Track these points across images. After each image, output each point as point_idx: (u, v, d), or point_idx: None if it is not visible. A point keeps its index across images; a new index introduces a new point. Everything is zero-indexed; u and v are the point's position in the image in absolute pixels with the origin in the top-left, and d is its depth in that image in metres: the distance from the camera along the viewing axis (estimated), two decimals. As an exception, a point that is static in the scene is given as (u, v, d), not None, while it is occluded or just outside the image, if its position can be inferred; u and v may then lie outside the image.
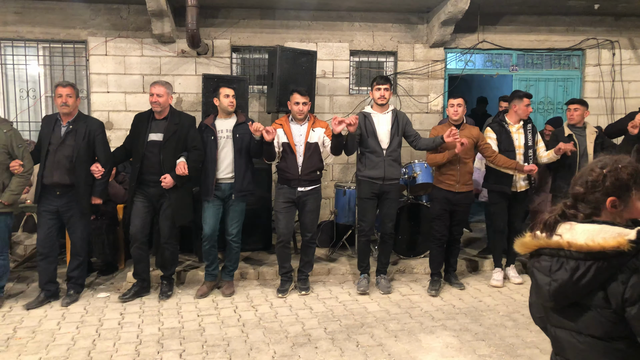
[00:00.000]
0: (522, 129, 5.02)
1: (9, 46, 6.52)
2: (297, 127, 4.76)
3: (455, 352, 3.73)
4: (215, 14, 6.72)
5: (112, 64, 6.60)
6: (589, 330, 1.65)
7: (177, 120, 4.66)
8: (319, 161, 4.78)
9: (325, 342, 3.87)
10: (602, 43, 7.30)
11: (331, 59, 6.96)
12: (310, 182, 4.75)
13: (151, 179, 4.58)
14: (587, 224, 1.65)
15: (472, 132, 4.88)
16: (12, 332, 4.01)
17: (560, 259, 1.65)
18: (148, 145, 4.59)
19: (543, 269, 1.71)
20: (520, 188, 5.02)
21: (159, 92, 4.57)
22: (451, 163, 4.80)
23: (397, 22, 7.03)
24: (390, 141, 4.81)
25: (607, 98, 7.36)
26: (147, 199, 4.66)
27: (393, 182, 4.86)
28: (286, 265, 4.89)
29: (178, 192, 4.63)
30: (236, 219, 4.80)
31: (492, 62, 7.35)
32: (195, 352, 3.69)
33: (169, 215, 4.65)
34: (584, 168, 1.77)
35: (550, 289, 1.67)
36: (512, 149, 4.94)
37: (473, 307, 4.61)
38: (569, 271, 1.61)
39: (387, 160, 4.80)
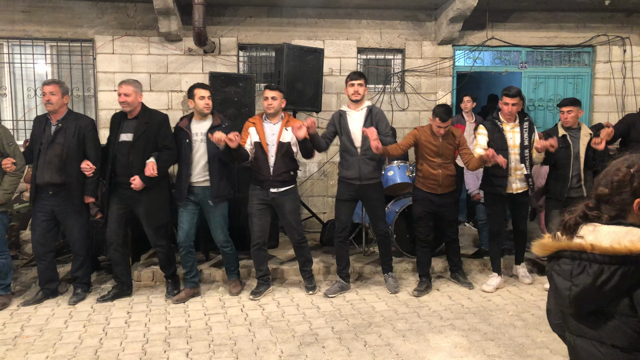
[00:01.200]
0: (518, 128, 4.82)
1: (16, 45, 6.54)
2: (270, 126, 4.61)
3: (464, 352, 3.68)
4: (222, 12, 6.70)
5: (119, 63, 6.60)
6: (611, 340, 1.54)
7: (147, 119, 4.50)
8: (292, 161, 4.64)
9: (332, 341, 3.84)
10: (612, 39, 7.21)
11: (338, 57, 6.92)
12: (284, 183, 4.59)
13: (123, 181, 4.45)
14: (613, 226, 1.54)
15: (454, 136, 4.75)
16: (19, 330, 4.02)
17: (582, 262, 1.54)
18: (118, 146, 4.47)
19: (563, 272, 1.60)
20: (517, 190, 4.83)
21: (126, 91, 4.43)
22: (433, 169, 4.71)
23: (404, 19, 6.98)
24: (364, 139, 4.61)
25: (618, 95, 7.27)
26: (122, 200, 4.54)
27: (371, 182, 4.69)
28: (262, 268, 4.78)
29: (150, 194, 4.49)
30: (219, 224, 4.68)
31: (501, 59, 7.29)
32: (202, 351, 3.68)
33: (145, 219, 4.55)
34: (608, 168, 1.64)
35: (571, 294, 1.56)
36: (505, 148, 4.74)
37: (482, 306, 4.57)
38: (592, 275, 1.50)
39: (362, 159, 4.64)
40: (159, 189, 4.56)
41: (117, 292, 4.68)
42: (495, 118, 4.89)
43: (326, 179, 6.99)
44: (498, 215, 4.93)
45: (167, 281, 4.81)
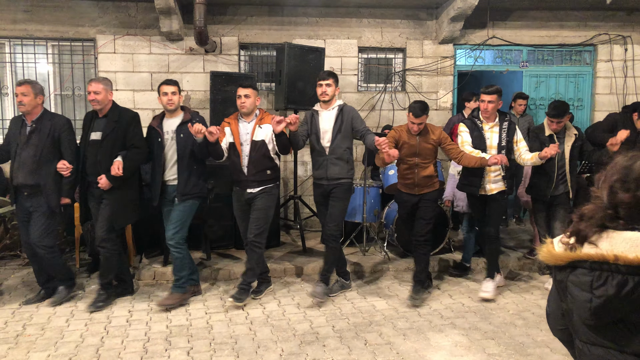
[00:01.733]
0: (497, 128, 4.62)
1: (18, 44, 6.56)
2: (244, 125, 4.49)
3: (465, 350, 3.69)
4: (223, 11, 6.71)
5: (120, 62, 6.62)
6: (631, 348, 1.51)
7: (116, 117, 4.39)
8: (269, 160, 4.48)
9: (333, 340, 3.85)
10: (614, 38, 7.21)
11: (339, 56, 6.92)
12: (260, 183, 4.45)
13: (93, 180, 4.36)
14: (628, 232, 1.48)
15: (434, 134, 4.54)
16: (21, 329, 4.03)
17: (603, 274, 1.48)
18: (89, 144, 4.40)
19: (582, 284, 1.53)
20: (491, 191, 4.62)
21: (95, 89, 4.33)
22: (409, 168, 4.58)
23: (406, 18, 6.98)
24: (333, 139, 4.49)
25: (619, 94, 7.27)
26: (96, 200, 4.44)
27: (339, 182, 4.52)
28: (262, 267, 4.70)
29: (117, 194, 4.35)
30: (174, 219, 4.43)
31: (502, 58, 7.28)
32: (203, 350, 3.69)
33: (106, 216, 4.36)
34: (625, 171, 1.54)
35: (592, 306, 1.50)
36: (483, 148, 4.57)
37: (482, 305, 4.57)
38: (615, 287, 1.45)
39: (330, 159, 4.49)
40: (125, 190, 4.42)
41: (119, 291, 4.68)
42: (475, 117, 4.71)
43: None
44: (481, 217, 4.80)
45: (99, 291, 4.51)
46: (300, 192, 6.69)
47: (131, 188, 4.51)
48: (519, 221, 7.16)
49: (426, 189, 4.61)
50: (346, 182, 4.58)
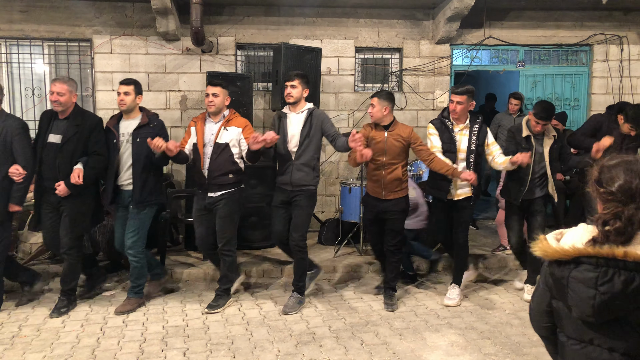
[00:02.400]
0: (467, 130, 4.44)
1: (14, 45, 6.54)
2: (210, 126, 4.32)
3: (461, 350, 3.70)
4: (220, 12, 6.70)
5: (117, 62, 6.61)
6: (625, 349, 1.52)
7: (79, 121, 4.22)
8: (232, 163, 4.28)
9: (329, 340, 3.85)
10: (610, 38, 7.22)
11: (336, 56, 6.92)
12: (221, 187, 4.28)
13: (50, 186, 4.17)
14: None
15: (403, 132, 4.34)
16: (17, 330, 4.03)
17: (609, 270, 1.49)
18: (46, 147, 4.19)
19: (587, 280, 1.53)
20: (458, 196, 4.47)
21: (59, 90, 4.14)
22: (376, 169, 4.37)
23: (402, 18, 6.98)
24: (300, 144, 4.32)
25: (615, 94, 7.27)
26: (51, 206, 4.29)
27: (303, 189, 4.37)
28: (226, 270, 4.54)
29: (75, 202, 4.20)
30: (132, 227, 4.29)
31: (498, 58, 7.29)
32: (200, 350, 3.69)
33: (67, 224, 4.23)
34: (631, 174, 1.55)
35: (596, 303, 1.50)
36: (453, 151, 4.40)
37: (479, 305, 4.58)
38: (622, 284, 1.46)
39: (296, 165, 4.32)
40: (85, 197, 4.28)
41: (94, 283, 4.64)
42: (445, 117, 4.50)
43: (324, 179, 6.99)
44: (444, 223, 4.63)
45: (60, 297, 4.37)
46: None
47: (90, 195, 4.36)
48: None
49: (392, 195, 4.36)
50: (310, 189, 4.43)
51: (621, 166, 1.58)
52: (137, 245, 4.33)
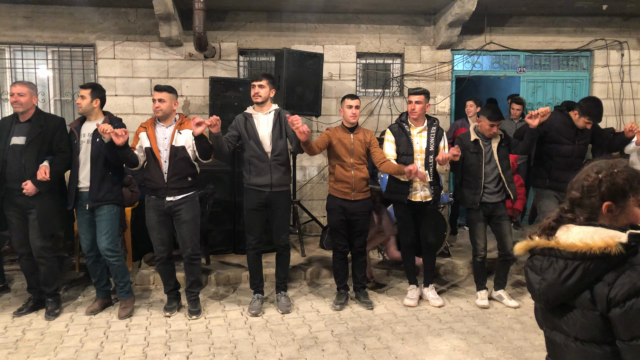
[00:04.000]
0: (425, 132, 4.56)
1: (18, 50, 6.59)
2: (162, 130, 4.30)
3: (463, 354, 3.71)
4: (222, 17, 6.75)
5: (120, 68, 6.65)
6: (575, 333, 1.65)
7: (42, 122, 4.27)
8: (190, 166, 4.31)
9: (332, 344, 3.87)
10: (610, 44, 7.26)
11: (338, 61, 6.96)
12: (181, 190, 4.26)
13: (16, 187, 4.17)
14: (584, 226, 1.65)
15: (366, 135, 4.54)
16: (21, 334, 4.04)
17: (550, 258, 1.67)
18: (9, 149, 4.21)
19: (535, 267, 1.73)
20: (425, 198, 4.54)
21: (20, 91, 4.19)
22: (345, 169, 4.44)
23: (403, 24, 7.02)
24: (274, 144, 4.36)
25: (616, 99, 7.31)
26: (17, 208, 4.28)
27: (282, 189, 4.43)
28: (170, 283, 4.50)
29: (43, 199, 4.21)
30: (103, 230, 4.30)
31: (499, 63, 7.33)
32: (202, 355, 3.70)
33: (37, 227, 4.24)
34: (580, 172, 1.74)
35: (541, 288, 1.68)
36: (410, 153, 4.50)
37: (481, 310, 4.59)
38: (557, 271, 1.63)
39: (274, 165, 4.35)
40: (53, 195, 4.28)
41: (33, 305, 4.49)
42: (404, 121, 4.61)
43: (326, 183, 7.01)
44: (407, 226, 4.66)
45: (47, 300, 4.41)
46: (299, 197, 6.72)
47: (58, 193, 4.38)
48: (517, 226, 7.18)
49: (362, 195, 4.49)
50: (288, 189, 4.54)
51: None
52: (112, 245, 4.34)
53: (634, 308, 1.48)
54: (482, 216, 4.64)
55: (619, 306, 1.50)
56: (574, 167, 4.63)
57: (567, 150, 4.76)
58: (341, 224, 4.54)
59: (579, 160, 4.75)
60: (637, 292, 1.49)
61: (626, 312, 1.49)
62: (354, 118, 4.50)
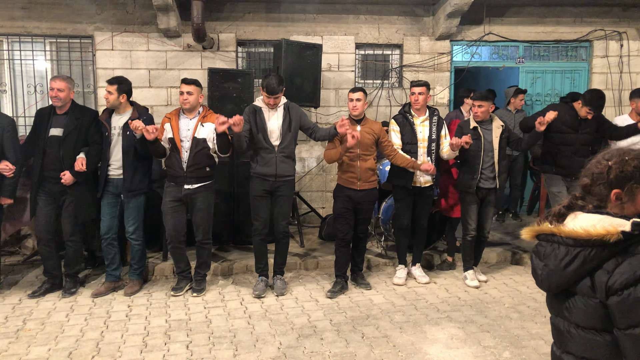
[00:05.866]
0: (428, 122, 4.81)
1: (16, 42, 6.57)
2: (185, 122, 4.52)
3: (460, 343, 3.74)
4: (221, 8, 6.73)
5: (118, 59, 6.64)
6: (576, 320, 1.65)
7: (78, 115, 4.55)
8: (208, 158, 4.54)
9: (330, 333, 3.90)
10: (609, 34, 7.25)
11: (337, 52, 6.95)
12: (198, 179, 4.51)
13: (52, 176, 4.47)
14: (590, 214, 1.64)
15: (374, 127, 4.65)
16: (21, 323, 4.07)
17: (552, 245, 1.67)
18: (48, 140, 4.47)
19: (539, 253, 1.74)
20: (424, 183, 4.83)
21: (59, 86, 4.44)
22: (351, 160, 4.57)
23: (402, 14, 7.01)
24: (282, 137, 4.53)
25: (615, 90, 7.31)
26: (50, 196, 4.54)
27: (286, 179, 4.60)
28: (181, 265, 4.75)
29: (80, 189, 4.51)
30: (131, 216, 4.63)
31: (498, 54, 7.32)
32: (202, 344, 3.73)
33: (71, 212, 4.54)
34: (592, 160, 1.72)
35: (543, 274, 1.69)
36: (414, 142, 4.76)
37: (478, 299, 4.62)
38: (559, 257, 1.63)
39: (279, 157, 4.53)
40: (88, 184, 4.57)
41: (48, 287, 4.67)
42: (407, 112, 4.84)
43: (325, 174, 7.03)
44: (406, 209, 4.89)
45: (66, 279, 4.72)
46: (298, 189, 6.73)
47: (92, 183, 4.64)
48: (515, 216, 7.21)
49: (367, 185, 4.63)
50: (292, 178, 4.70)
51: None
52: (138, 230, 4.71)
53: (632, 297, 1.47)
54: (476, 199, 4.88)
55: (616, 294, 1.50)
56: (578, 154, 5.03)
57: (570, 139, 5.07)
58: (346, 211, 4.67)
59: (584, 148, 5.09)
60: (636, 281, 1.48)
61: (623, 300, 1.49)
62: (355, 110, 4.61)
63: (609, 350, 1.59)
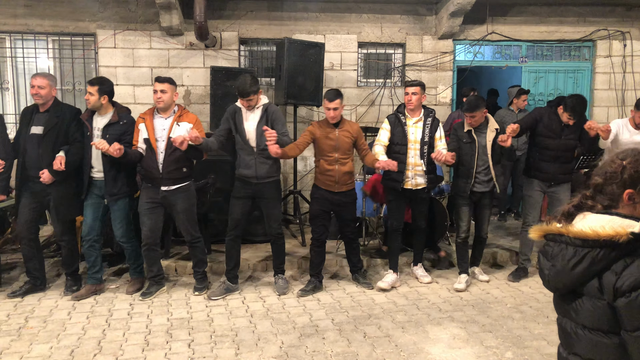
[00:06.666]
0: (421, 123, 4.68)
1: (18, 39, 6.57)
2: (161, 121, 4.40)
3: (463, 343, 3.73)
4: (223, 7, 6.72)
5: (120, 57, 6.63)
6: (583, 321, 1.64)
7: (59, 112, 4.44)
8: (185, 158, 4.41)
9: (332, 332, 3.89)
10: (613, 34, 7.23)
11: (339, 51, 6.94)
12: (175, 181, 4.40)
13: (33, 174, 4.38)
14: (600, 215, 1.62)
15: (352, 129, 4.56)
16: (23, 321, 4.07)
17: (560, 245, 1.65)
18: (29, 138, 4.39)
19: (546, 253, 1.73)
20: (417, 186, 4.70)
21: (40, 83, 4.36)
22: (329, 164, 4.50)
23: (405, 13, 6.99)
24: (258, 138, 4.38)
25: (618, 90, 7.29)
26: (32, 195, 4.47)
27: (268, 181, 4.49)
28: (153, 269, 4.59)
29: (60, 188, 4.41)
30: (117, 219, 4.54)
31: (501, 53, 7.30)
32: (204, 342, 3.73)
33: (54, 212, 4.50)
34: (606, 159, 1.71)
35: (550, 274, 1.68)
36: (404, 143, 4.64)
37: (480, 299, 4.61)
38: (566, 257, 1.61)
39: (259, 159, 4.42)
40: (69, 183, 4.48)
41: (29, 288, 4.61)
42: (400, 112, 4.75)
43: (327, 173, 7.02)
44: (397, 211, 4.82)
45: (67, 278, 4.69)
46: (300, 187, 6.72)
47: (74, 181, 4.53)
48: (517, 216, 7.20)
49: (345, 187, 4.58)
50: (276, 180, 4.58)
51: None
52: (127, 233, 4.61)
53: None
54: (469, 202, 4.84)
55: (625, 296, 1.49)
56: (560, 160, 4.90)
57: (552, 144, 4.92)
58: (322, 213, 4.64)
59: (567, 154, 4.92)
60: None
61: (631, 302, 1.48)
62: (333, 120, 4.52)
63: (616, 352, 1.58)
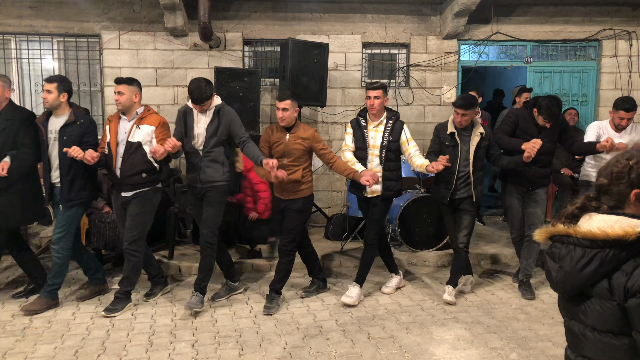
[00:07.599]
0: (382, 127, 4.41)
1: (24, 40, 6.60)
2: (124, 124, 4.20)
3: (467, 344, 3.72)
4: (227, 7, 6.73)
5: (125, 58, 6.65)
6: (592, 323, 1.61)
7: (9, 116, 4.22)
8: (144, 163, 4.16)
9: (336, 333, 3.88)
10: (619, 34, 7.18)
11: (343, 52, 6.93)
12: (134, 186, 4.16)
13: None
14: (606, 215, 1.60)
15: (305, 134, 4.28)
16: (28, 321, 4.08)
17: (568, 246, 1.63)
18: None
19: (553, 255, 1.70)
20: (372, 193, 4.44)
21: None
22: (278, 169, 4.13)
23: (409, 13, 6.98)
24: (207, 140, 4.16)
25: (624, 89, 7.24)
26: None
27: (214, 185, 4.22)
28: (150, 271, 4.59)
29: (4, 195, 4.19)
30: (59, 223, 4.23)
31: (506, 53, 7.27)
32: (208, 343, 3.72)
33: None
34: (610, 159, 1.68)
35: (558, 276, 1.66)
36: (364, 148, 4.44)
37: (485, 300, 4.59)
38: (575, 259, 1.59)
39: (205, 162, 4.18)
40: (14, 190, 4.23)
41: (33, 288, 4.59)
42: (361, 116, 4.53)
43: (331, 174, 7.01)
44: (370, 221, 4.57)
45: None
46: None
47: (25, 188, 4.32)
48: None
49: (292, 195, 4.32)
50: (221, 185, 4.26)
51: None
52: (63, 241, 4.25)
53: None
54: (449, 209, 4.61)
55: (636, 296, 1.46)
56: (538, 164, 4.51)
57: None
58: (279, 220, 4.50)
59: (546, 157, 4.59)
60: None
61: None
62: (282, 122, 4.28)
63: (626, 354, 1.55)
